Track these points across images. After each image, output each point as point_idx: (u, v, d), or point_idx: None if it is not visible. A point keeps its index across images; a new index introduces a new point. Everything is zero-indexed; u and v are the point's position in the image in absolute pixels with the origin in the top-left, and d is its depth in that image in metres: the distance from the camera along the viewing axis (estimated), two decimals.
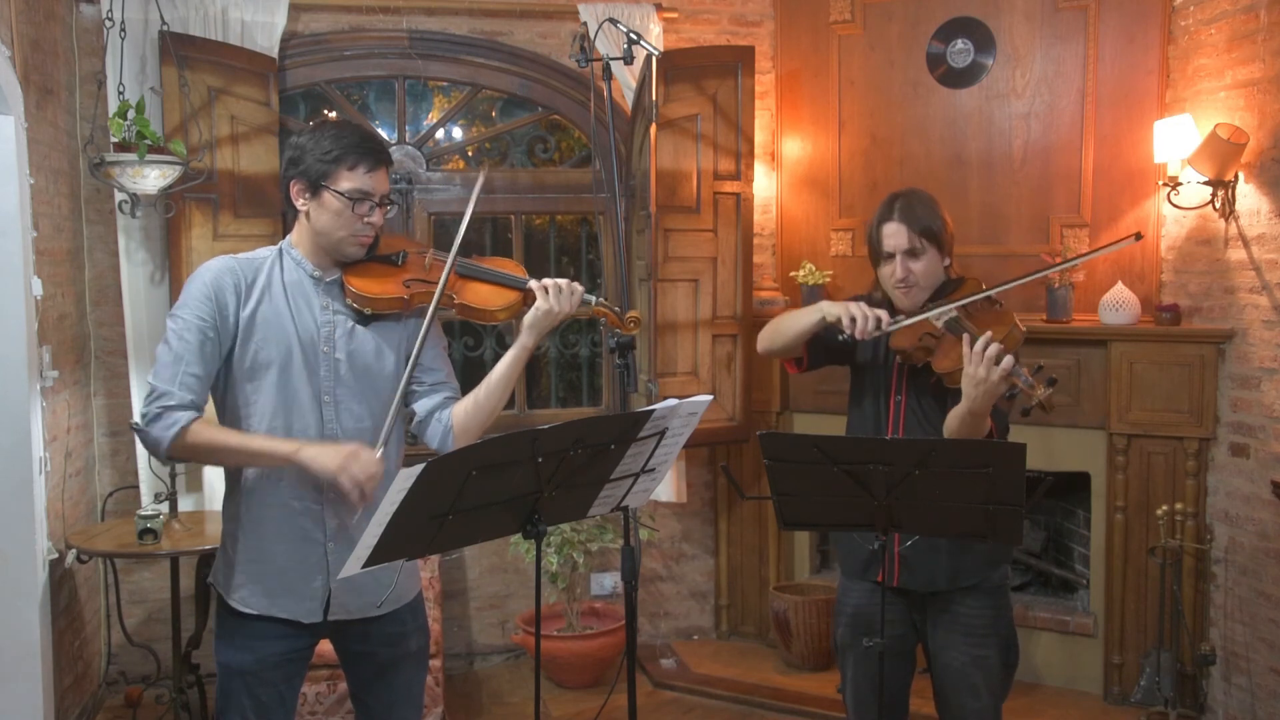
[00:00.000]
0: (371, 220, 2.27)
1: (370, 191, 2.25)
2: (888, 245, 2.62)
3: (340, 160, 2.22)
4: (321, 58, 4.62)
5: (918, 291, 2.62)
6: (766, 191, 5.03)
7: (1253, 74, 3.84)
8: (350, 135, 2.25)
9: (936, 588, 2.60)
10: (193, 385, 2.18)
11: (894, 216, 2.61)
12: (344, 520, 2.28)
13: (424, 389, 2.38)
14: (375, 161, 2.25)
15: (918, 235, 2.59)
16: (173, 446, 2.16)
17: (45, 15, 3.93)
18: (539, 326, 2.33)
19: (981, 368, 2.33)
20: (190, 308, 2.21)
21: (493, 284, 2.37)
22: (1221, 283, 4.04)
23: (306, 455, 2.16)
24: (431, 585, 4.28)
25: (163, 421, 2.16)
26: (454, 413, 2.36)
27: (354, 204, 2.23)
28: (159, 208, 4.20)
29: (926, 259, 2.61)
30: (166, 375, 2.18)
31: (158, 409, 2.16)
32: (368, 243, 2.30)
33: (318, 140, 2.25)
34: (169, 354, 2.20)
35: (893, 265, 2.62)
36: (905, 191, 2.69)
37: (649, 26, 4.64)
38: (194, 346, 2.19)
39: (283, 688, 2.32)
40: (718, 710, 4.36)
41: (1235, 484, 4.01)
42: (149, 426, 2.17)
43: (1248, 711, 3.94)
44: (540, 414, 5.05)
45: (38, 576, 3.56)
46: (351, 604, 2.32)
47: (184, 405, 2.17)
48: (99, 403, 4.42)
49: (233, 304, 2.22)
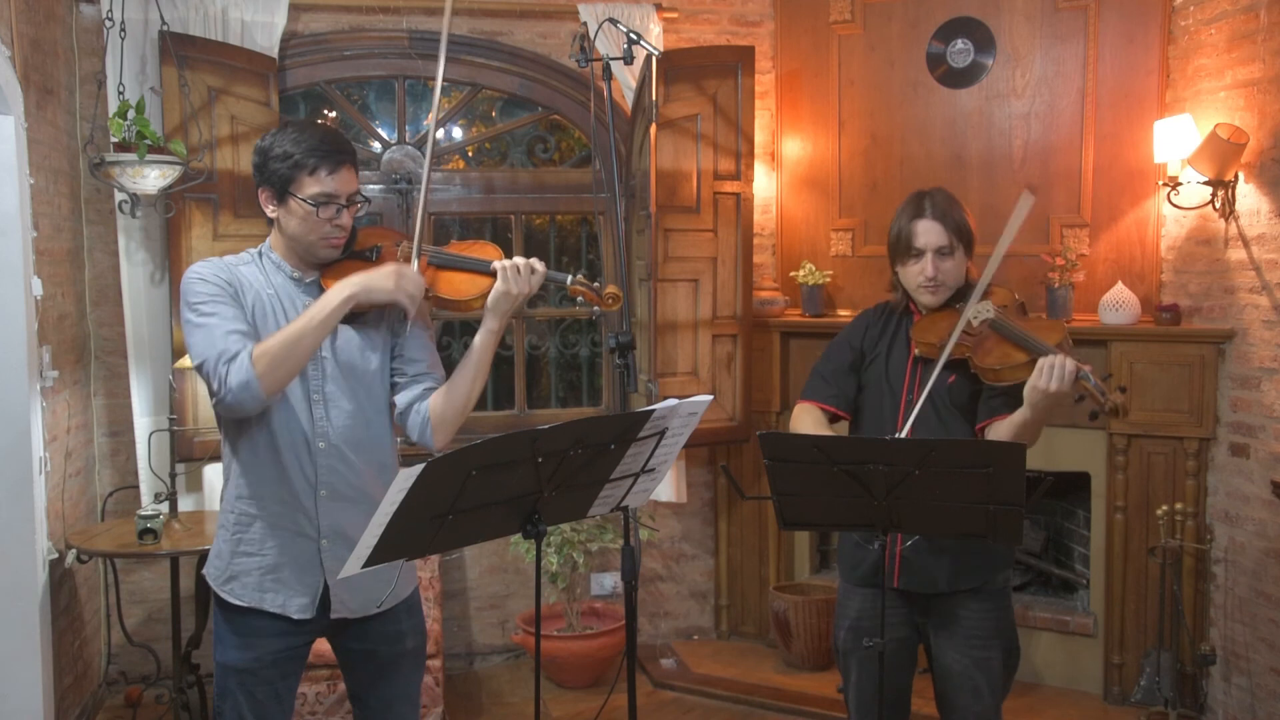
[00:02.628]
0: (340, 222, 2.25)
1: (335, 193, 2.22)
2: (920, 242, 2.56)
3: (300, 165, 2.19)
4: (321, 58, 4.62)
5: (944, 291, 2.59)
6: (766, 191, 5.03)
7: (1253, 74, 3.84)
8: (309, 138, 2.21)
9: (937, 589, 2.59)
10: (238, 338, 2.14)
11: (927, 214, 2.56)
12: (336, 519, 2.28)
13: (406, 380, 2.37)
14: (336, 162, 2.21)
15: (952, 234, 2.56)
16: (260, 380, 2.10)
17: (45, 15, 3.93)
18: (499, 309, 2.29)
19: (1054, 380, 2.31)
20: (199, 291, 2.19)
21: (464, 271, 2.35)
22: (1221, 283, 4.04)
23: (359, 290, 2.19)
24: (431, 585, 4.28)
25: (234, 368, 2.10)
26: (430, 404, 2.34)
27: (319, 208, 2.21)
28: (159, 208, 4.20)
29: (956, 258, 2.58)
30: (212, 341, 2.13)
31: (223, 366, 2.10)
32: (339, 244, 2.28)
33: (277, 145, 2.21)
34: (204, 332, 2.15)
35: (921, 263, 2.57)
36: (932, 190, 2.64)
37: (649, 26, 4.64)
38: (224, 314, 2.17)
39: (279, 686, 2.32)
40: (718, 710, 4.36)
41: (1235, 484, 4.01)
42: (228, 382, 2.09)
43: (1248, 711, 3.94)
44: (540, 414, 5.05)
45: (38, 576, 3.56)
46: (353, 602, 2.32)
47: (240, 349, 2.12)
48: (99, 403, 4.42)
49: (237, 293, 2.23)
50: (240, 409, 2.15)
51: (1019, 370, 2.41)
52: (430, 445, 2.35)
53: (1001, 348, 2.45)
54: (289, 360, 2.14)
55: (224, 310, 2.18)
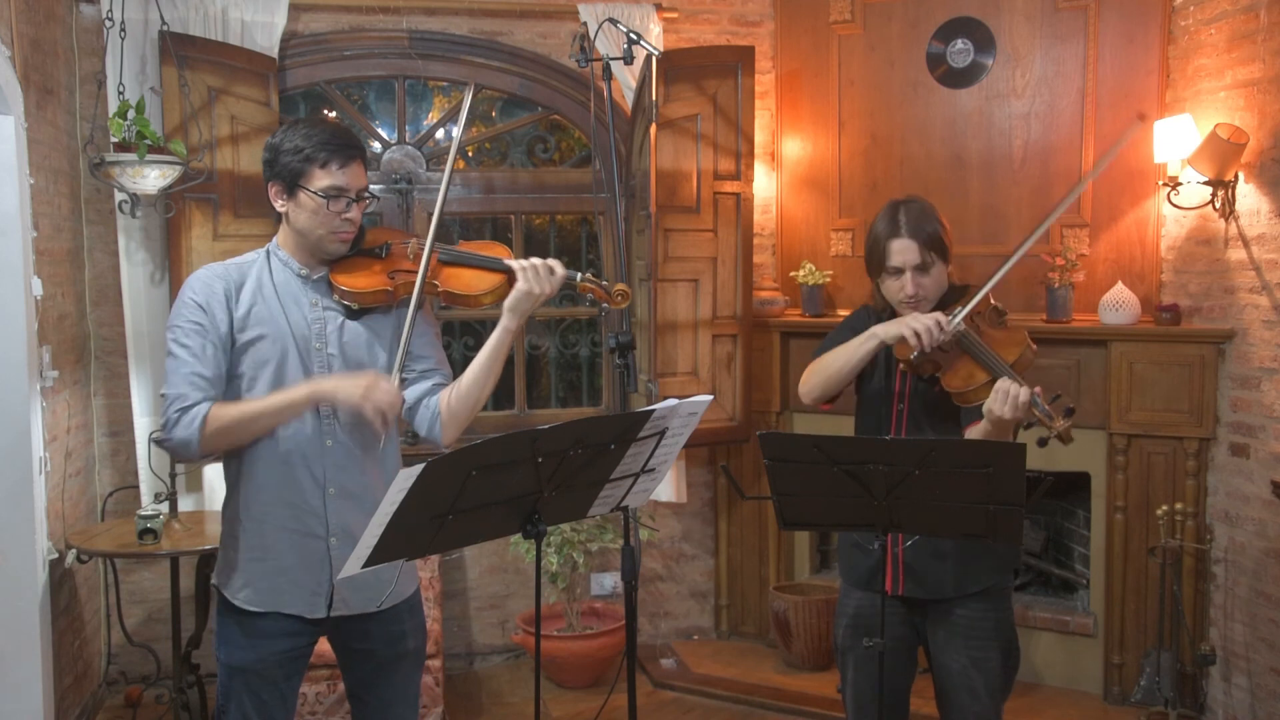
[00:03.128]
0: (349, 216, 2.27)
1: (345, 187, 2.25)
2: (896, 261, 2.55)
3: (311, 159, 2.22)
4: (321, 58, 4.62)
5: (926, 305, 2.58)
6: (766, 191, 5.03)
7: (1253, 74, 3.84)
8: (320, 133, 2.25)
9: (944, 595, 2.59)
10: (203, 385, 2.20)
11: (902, 232, 2.54)
12: (344, 518, 2.29)
13: (414, 375, 2.39)
14: (346, 157, 2.25)
15: (927, 250, 2.54)
16: (202, 439, 2.17)
17: (45, 15, 3.93)
18: (519, 309, 2.31)
19: (1006, 407, 2.34)
20: (184, 315, 2.24)
21: (475, 268, 2.37)
22: (1221, 283, 4.04)
23: (328, 389, 2.19)
24: (431, 585, 4.28)
25: (183, 421, 2.17)
26: (441, 399, 2.36)
27: (329, 201, 2.24)
28: (159, 208, 4.20)
29: (935, 272, 2.57)
30: (175, 381, 2.20)
31: (175, 413, 2.18)
32: (348, 239, 2.30)
33: (288, 140, 2.25)
34: (174, 363, 2.22)
35: (901, 281, 2.56)
36: (905, 201, 2.61)
37: (649, 26, 4.64)
38: (196, 350, 2.21)
39: (284, 686, 2.33)
40: (717, 710, 4.36)
41: (1235, 484, 4.01)
42: (171, 432, 2.18)
43: (1248, 711, 3.94)
44: (540, 414, 5.05)
45: (38, 576, 3.56)
46: (353, 599, 2.33)
47: (198, 401, 2.18)
48: (99, 403, 4.42)
49: (223, 309, 2.24)
50: (174, 456, 2.23)
51: (981, 391, 2.44)
52: (438, 441, 2.36)
53: (967, 367, 2.47)
54: (237, 435, 2.22)
55: (196, 344, 2.22)
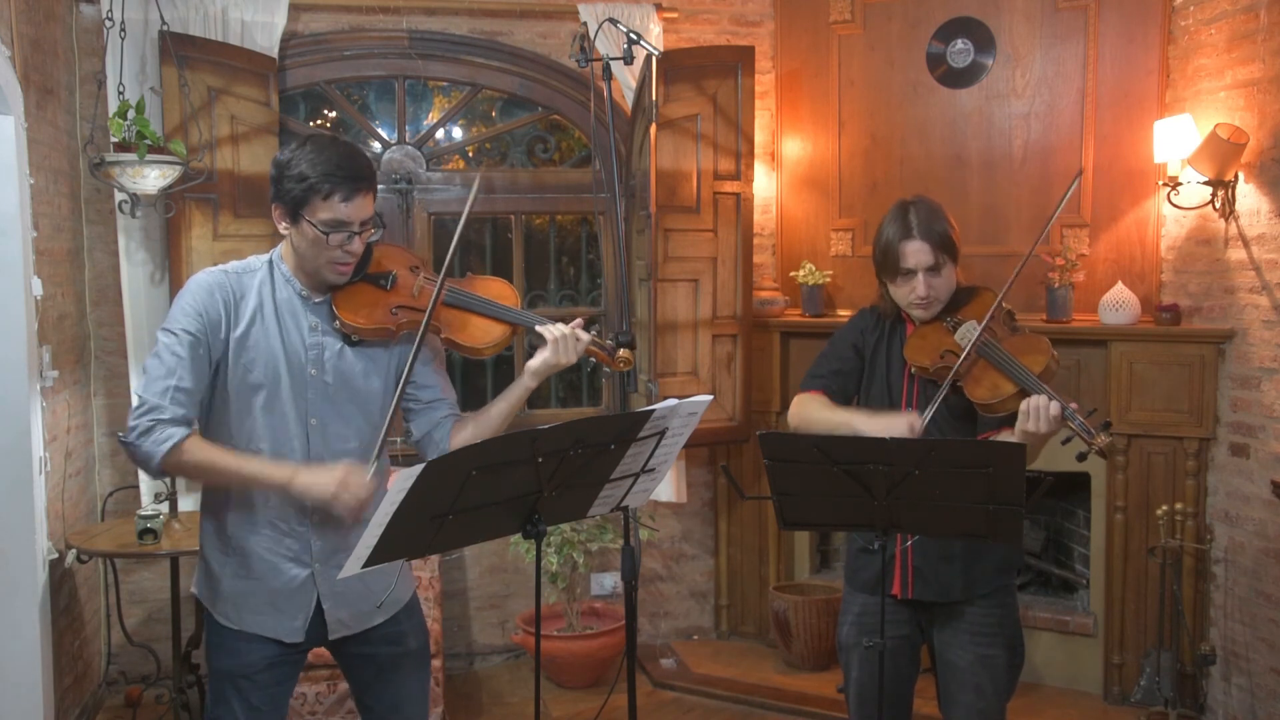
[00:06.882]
0: (350, 249, 2.18)
1: (347, 220, 2.15)
2: (909, 263, 2.52)
3: (315, 189, 2.12)
4: (321, 58, 4.62)
5: (937, 305, 2.57)
6: (766, 191, 5.03)
7: (1253, 74, 3.84)
8: (327, 160, 2.13)
9: (951, 598, 2.59)
10: (183, 401, 2.12)
11: (914, 234, 2.51)
12: (330, 542, 2.26)
13: (420, 406, 2.36)
14: (352, 189, 2.14)
15: (939, 251, 2.52)
16: (165, 462, 2.10)
17: (45, 15, 3.93)
18: (542, 375, 2.33)
19: (1042, 424, 2.31)
20: (181, 321, 2.16)
21: (482, 316, 2.34)
22: (1221, 283, 4.04)
23: (300, 484, 2.13)
24: (431, 585, 4.28)
25: (154, 436, 2.09)
26: (452, 439, 2.34)
27: (330, 234, 2.15)
28: (159, 208, 4.20)
29: (946, 272, 2.55)
30: (157, 389, 2.12)
31: (149, 422, 2.09)
32: (347, 272, 2.23)
33: (295, 164, 2.14)
34: (160, 367, 2.13)
35: (913, 283, 2.53)
36: (913, 201, 2.59)
37: (649, 26, 4.64)
38: (185, 361, 2.14)
39: (274, 691, 2.31)
40: (718, 710, 4.36)
41: (1235, 484, 4.01)
42: (139, 440, 2.09)
43: (1248, 711, 3.94)
44: (540, 414, 5.05)
45: (38, 576, 3.56)
46: (350, 620, 2.32)
47: (176, 421, 2.11)
48: (99, 403, 4.42)
49: (223, 321, 2.18)
50: (132, 460, 2.19)
51: (1010, 402, 2.40)
52: None
53: (990, 377, 2.43)
54: (200, 477, 2.24)
55: (185, 354, 2.14)
